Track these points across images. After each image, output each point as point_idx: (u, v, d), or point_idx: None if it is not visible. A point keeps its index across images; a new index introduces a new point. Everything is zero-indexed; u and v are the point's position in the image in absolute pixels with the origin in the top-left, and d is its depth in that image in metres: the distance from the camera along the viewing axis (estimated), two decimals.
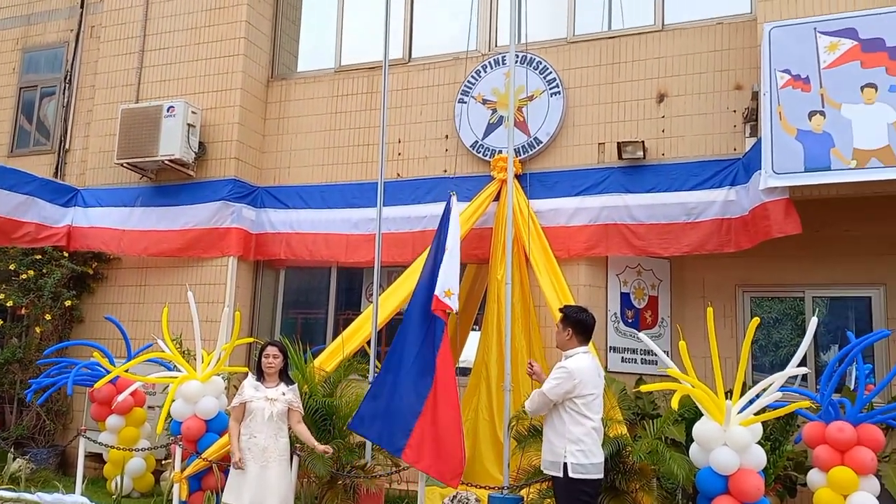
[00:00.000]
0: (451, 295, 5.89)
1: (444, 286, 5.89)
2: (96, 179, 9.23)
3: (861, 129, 5.77)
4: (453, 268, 6.00)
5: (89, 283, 8.99)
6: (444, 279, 5.91)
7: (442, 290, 5.86)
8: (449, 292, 5.89)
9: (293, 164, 8.84)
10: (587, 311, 4.88)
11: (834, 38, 6.01)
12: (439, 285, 5.89)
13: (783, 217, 6.03)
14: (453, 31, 8.54)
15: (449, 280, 5.91)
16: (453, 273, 5.99)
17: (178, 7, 9.15)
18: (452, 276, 5.97)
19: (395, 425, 5.69)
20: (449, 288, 5.90)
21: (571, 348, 4.72)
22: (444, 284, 5.89)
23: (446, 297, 5.85)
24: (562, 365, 4.62)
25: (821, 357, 7.23)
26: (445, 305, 5.84)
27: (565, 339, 4.75)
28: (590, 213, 7.32)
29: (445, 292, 5.87)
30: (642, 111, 7.40)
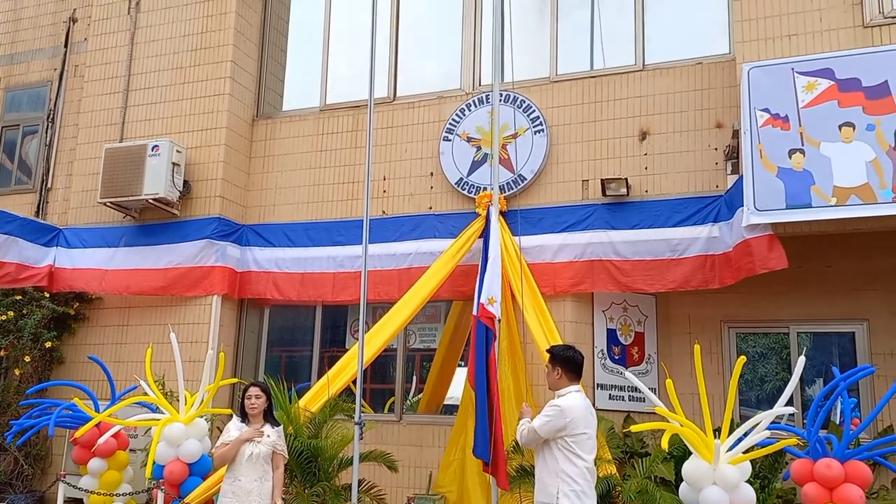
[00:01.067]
0: (493, 302, 6.15)
1: (488, 294, 6.15)
2: (79, 219, 9.16)
3: (840, 166, 5.87)
4: (496, 276, 6.30)
5: (70, 324, 8.87)
6: (487, 287, 6.19)
7: (486, 298, 6.13)
8: (492, 300, 6.16)
9: (278, 201, 8.84)
10: (574, 349, 4.89)
11: (811, 78, 6.14)
12: (484, 293, 6.17)
13: (767, 252, 6.09)
14: (437, 71, 8.66)
15: (492, 288, 6.19)
16: (496, 281, 6.28)
17: (164, 47, 9.18)
18: (495, 283, 6.26)
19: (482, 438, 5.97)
20: (492, 296, 6.17)
21: (563, 387, 4.71)
22: (488, 292, 6.16)
23: (490, 305, 6.11)
24: (554, 402, 4.62)
25: (806, 391, 7.25)
26: (490, 313, 6.07)
27: (556, 378, 4.75)
28: (575, 249, 7.36)
29: (489, 300, 6.13)
30: (625, 149, 7.49)
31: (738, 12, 6.72)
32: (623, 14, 7.89)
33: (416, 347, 8.88)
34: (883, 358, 6.67)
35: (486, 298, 6.08)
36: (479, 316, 6.07)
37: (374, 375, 8.93)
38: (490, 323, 6.04)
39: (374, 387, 8.91)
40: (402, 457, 7.20)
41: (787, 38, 6.48)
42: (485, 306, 6.04)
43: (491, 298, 6.10)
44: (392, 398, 8.35)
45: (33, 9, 10.73)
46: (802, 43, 6.43)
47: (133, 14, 9.42)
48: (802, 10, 6.47)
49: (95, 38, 9.63)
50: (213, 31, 8.97)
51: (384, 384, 8.92)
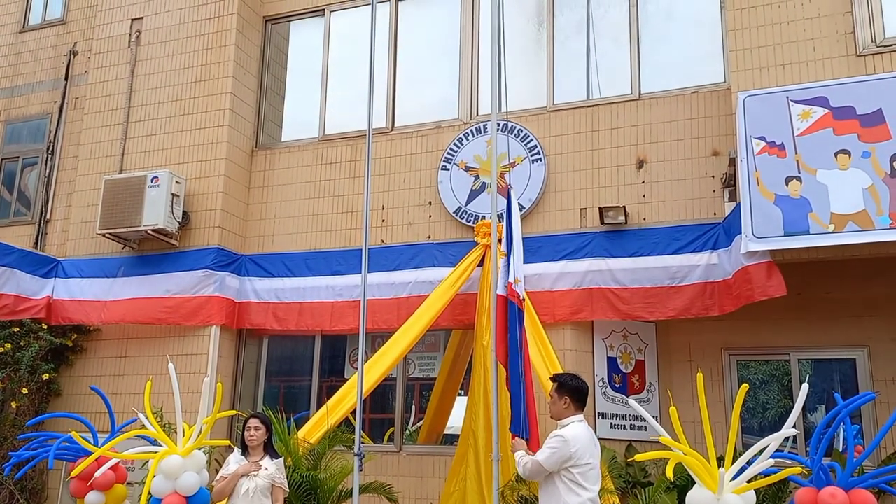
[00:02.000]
0: (519, 282, 6.28)
1: (514, 275, 6.28)
2: (77, 250, 9.16)
3: (837, 193, 5.90)
4: (520, 257, 6.43)
5: (68, 356, 8.82)
6: (513, 268, 6.30)
7: (513, 279, 6.26)
8: (518, 280, 6.29)
9: (277, 231, 8.85)
10: (580, 378, 4.87)
11: (806, 107, 6.20)
12: (511, 274, 6.29)
13: (766, 280, 6.10)
14: (435, 101, 8.72)
15: (518, 269, 6.33)
16: (520, 262, 6.42)
17: (164, 80, 9.26)
18: (520, 264, 6.40)
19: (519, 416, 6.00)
20: (518, 276, 6.30)
21: (567, 417, 4.68)
22: (514, 273, 6.29)
23: (516, 285, 6.23)
24: (558, 433, 4.58)
25: (808, 418, 7.22)
26: (517, 292, 6.20)
27: (562, 408, 4.72)
28: (574, 277, 7.36)
29: (515, 280, 6.26)
30: (623, 177, 7.53)
31: (733, 42, 6.80)
32: (618, 44, 7.98)
33: (415, 376, 8.84)
34: (885, 384, 6.65)
35: (512, 279, 6.27)
36: (509, 295, 6.27)
37: (374, 405, 8.88)
38: (518, 301, 6.23)
39: (373, 416, 8.86)
40: (402, 488, 7.14)
41: (782, 67, 6.55)
42: (512, 286, 6.23)
43: (517, 279, 6.29)
44: (391, 428, 8.29)
45: (34, 42, 10.83)
46: (797, 72, 6.50)
47: (133, 47, 9.51)
48: (796, 40, 6.55)
49: (96, 71, 9.71)
50: (212, 64, 9.05)
51: (383, 414, 8.87)
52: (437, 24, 8.90)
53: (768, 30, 6.66)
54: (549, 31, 8.30)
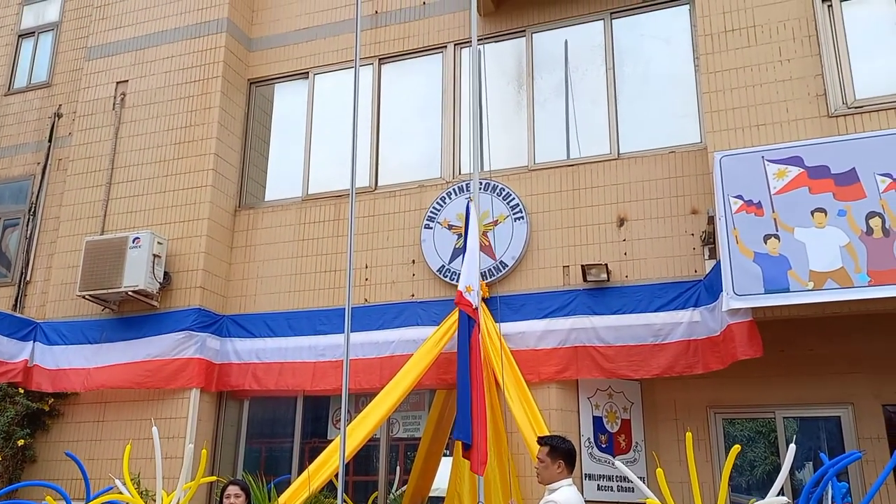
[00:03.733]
0: (471, 291, 6.48)
1: (465, 283, 6.50)
2: (57, 312, 9.05)
3: (815, 251, 5.98)
4: (473, 266, 6.68)
5: (44, 421, 8.63)
6: (465, 277, 6.55)
7: (463, 286, 6.48)
8: (469, 288, 6.49)
9: (259, 291, 8.81)
10: (568, 440, 4.85)
11: (781, 166, 6.32)
12: (461, 282, 6.55)
13: (747, 340, 6.13)
14: (418, 160, 8.82)
15: (469, 277, 6.56)
16: (473, 271, 6.66)
17: (147, 141, 9.31)
18: (473, 273, 6.63)
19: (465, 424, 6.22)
20: (469, 284, 6.50)
21: (556, 481, 4.63)
22: (465, 281, 6.52)
23: (468, 293, 6.44)
24: (550, 498, 4.52)
25: (795, 476, 7.15)
26: (468, 301, 6.40)
27: (555, 472, 4.67)
28: (558, 335, 7.35)
29: (466, 288, 6.46)
30: (604, 235, 7.60)
31: (707, 104, 6.96)
32: (597, 105, 8.15)
33: (399, 436, 8.72)
34: (870, 442, 6.62)
35: (463, 287, 6.42)
36: (457, 303, 6.47)
37: (357, 467, 8.72)
38: (468, 310, 6.33)
39: (356, 479, 8.69)
40: None
41: (756, 127, 6.70)
42: (462, 294, 6.36)
43: (468, 287, 6.42)
44: (375, 493, 8.13)
45: (19, 105, 10.90)
46: (771, 132, 6.64)
47: (118, 109, 9.58)
48: (769, 102, 6.71)
49: (80, 133, 9.75)
50: (196, 125, 9.12)
51: (367, 476, 8.71)
52: (419, 86, 9.06)
53: (742, 92, 6.83)
54: (529, 92, 8.47)
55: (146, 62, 9.68)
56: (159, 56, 9.63)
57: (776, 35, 6.86)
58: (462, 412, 6.20)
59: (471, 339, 6.29)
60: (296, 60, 9.58)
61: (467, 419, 6.14)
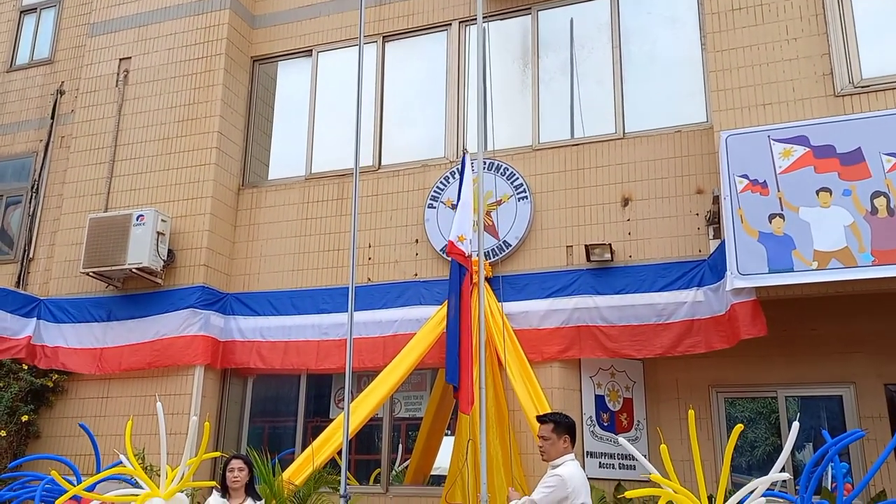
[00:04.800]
0: (463, 240, 6.65)
1: (458, 232, 6.65)
2: (60, 289, 9.06)
3: (819, 231, 5.97)
4: (466, 216, 6.79)
5: (48, 397, 8.67)
6: (457, 226, 6.70)
7: (455, 236, 6.62)
8: (462, 237, 6.65)
9: (263, 270, 8.81)
10: (568, 415, 4.90)
11: (787, 145, 6.30)
12: (453, 232, 6.69)
13: (751, 319, 6.15)
14: (422, 139, 8.79)
15: (462, 227, 6.70)
16: (466, 221, 6.78)
17: (151, 118, 9.28)
18: (465, 223, 6.76)
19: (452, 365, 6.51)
20: (462, 234, 6.66)
21: (559, 456, 4.66)
22: (458, 231, 6.67)
23: (459, 242, 6.62)
24: (554, 472, 4.56)
25: (796, 456, 7.19)
26: (459, 250, 6.59)
27: (562, 447, 4.71)
28: (561, 315, 7.36)
29: (459, 237, 6.62)
30: (608, 215, 7.58)
31: (714, 83, 6.93)
32: (602, 84, 8.11)
33: (401, 416, 8.75)
34: (872, 421, 6.65)
35: (455, 236, 6.61)
36: (449, 252, 6.69)
37: (359, 445, 8.76)
38: (460, 258, 6.60)
39: (359, 457, 8.73)
40: None
41: (762, 106, 6.67)
42: (454, 243, 6.59)
43: (461, 237, 6.61)
44: (378, 469, 8.17)
45: (21, 81, 10.85)
46: (777, 111, 6.62)
47: (121, 86, 9.55)
48: (776, 81, 6.68)
49: (83, 110, 9.72)
50: (200, 103, 9.09)
51: (369, 454, 8.75)
52: (423, 65, 9.01)
53: (748, 71, 6.79)
54: (534, 71, 8.42)
55: (149, 39, 9.62)
56: (162, 33, 9.58)
57: (783, 14, 6.81)
58: (451, 356, 6.46)
59: (461, 286, 6.52)
60: (299, 38, 9.53)
61: (455, 363, 6.41)
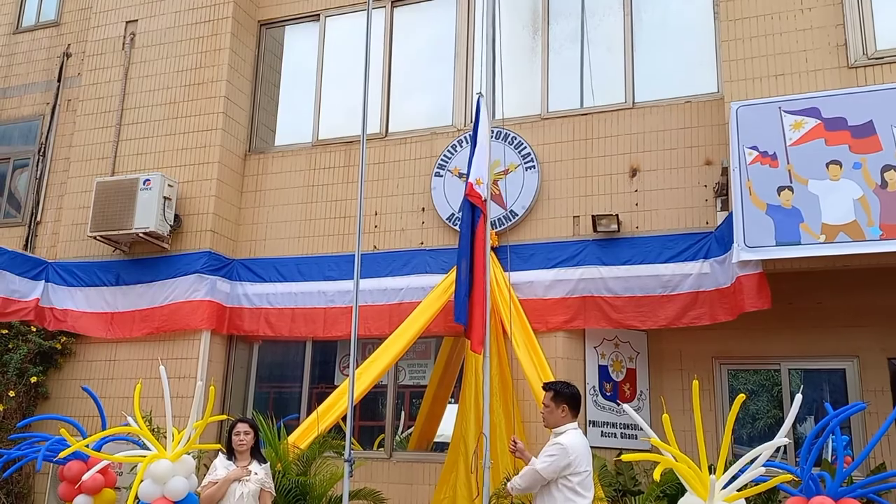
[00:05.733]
0: (481, 183, 6.64)
1: (476, 175, 6.63)
2: (67, 252, 9.10)
3: (828, 204, 5.94)
4: (483, 159, 6.73)
5: (56, 359, 8.76)
6: (475, 169, 6.65)
7: (474, 179, 6.62)
8: (479, 181, 6.64)
9: (269, 236, 8.82)
10: (574, 386, 4.91)
11: (798, 117, 6.23)
12: (472, 174, 6.65)
13: (756, 292, 6.14)
14: (429, 107, 8.74)
15: (479, 170, 6.67)
16: (483, 164, 6.72)
17: (157, 82, 9.24)
18: (483, 166, 6.71)
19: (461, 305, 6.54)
20: (479, 177, 6.65)
21: (563, 425, 4.69)
22: (476, 174, 6.63)
23: (478, 186, 6.61)
24: (556, 441, 4.59)
25: (797, 428, 7.23)
26: (477, 192, 6.59)
27: (560, 416, 4.73)
28: (567, 285, 7.36)
29: (477, 181, 6.62)
30: (616, 185, 7.55)
31: (726, 53, 6.85)
32: (612, 52, 8.02)
33: (406, 384, 8.83)
34: (874, 395, 6.67)
35: (473, 179, 6.61)
36: (467, 194, 6.63)
37: (364, 412, 8.85)
38: (477, 200, 6.60)
39: (363, 424, 8.83)
40: (391, 495, 7.11)
41: (774, 77, 6.59)
42: (473, 186, 6.59)
43: (479, 179, 6.62)
44: (382, 435, 8.26)
45: (27, 44, 10.79)
46: (789, 82, 6.54)
47: (128, 50, 9.49)
48: (788, 51, 6.59)
49: (89, 73, 9.67)
50: (206, 67, 9.03)
51: (373, 421, 8.84)
52: (431, 31, 8.92)
53: (761, 41, 6.70)
54: (544, 39, 8.33)
55: (155, 1, 9.53)
56: None
57: None
58: (460, 295, 6.55)
59: (476, 227, 6.63)
60: (307, 1, 9.42)
61: (465, 302, 6.50)
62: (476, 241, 6.59)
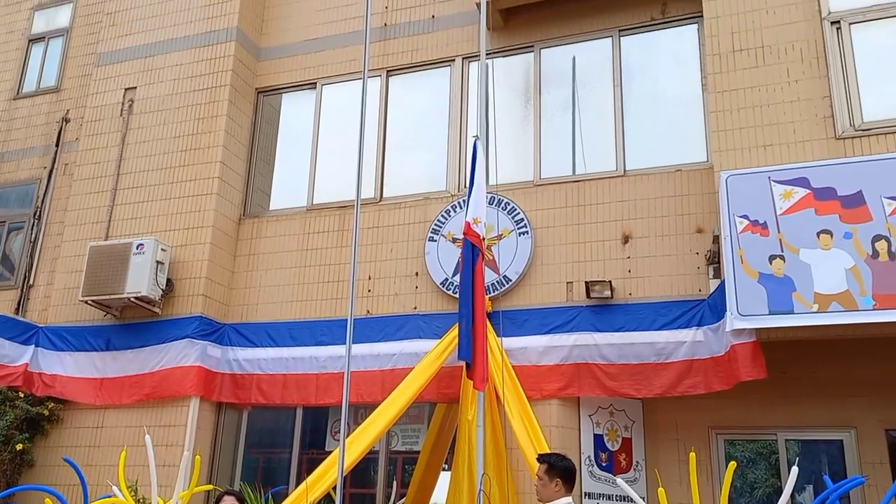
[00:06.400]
0: (478, 223, 6.77)
1: (473, 215, 6.77)
2: (59, 317, 9.05)
3: (820, 273, 5.95)
4: (480, 199, 6.89)
5: (44, 425, 8.61)
6: (473, 208, 6.79)
7: (472, 218, 6.75)
8: (477, 220, 6.77)
9: (262, 300, 8.79)
10: (568, 458, 4.83)
11: (787, 187, 6.30)
12: (469, 213, 6.78)
13: (751, 361, 6.11)
14: (424, 172, 8.82)
15: (477, 209, 6.81)
16: (480, 203, 6.88)
17: (154, 148, 9.33)
18: (480, 206, 6.87)
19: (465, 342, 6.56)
20: (477, 216, 6.78)
21: (554, 499, 4.60)
22: (473, 214, 6.78)
23: (475, 225, 6.73)
24: None
25: (795, 499, 7.10)
26: (475, 231, 6.71)
27: (553, 490, 4.65)
28: (561, 351, 7.32)
29: (474, 220, 6.74)
30: (608, 251, 7.57)
31: (714, 123, 6.96)
32: (604, 121, 8.15)
33: (398, 450, 8.67)
34: (872, 467, 6.57)
35: (471, 218, 6.74)
36: (465, 234, 6.75)
37: (355, 479, 8.66)
38: (475, 239, 6.70)
39: (354, 491, 8.64)
40: None
41: (763, 148, 6.69)
42: (470, 225, 6.71)
43: (476, 219, 6.74)
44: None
45: (27, 109, 10.95)
46: (778, 153, 6.63)
47: (126, 115, 9.61)
48: (777, 123, 6.71)
49: (87, 138, 9.78)
50: (203, 133, 9.14)
51: (365, 489, 8.66)
52: (426, 99, 9.07)
53: (749, 112, 6.82)
54: (536, 107, 8.47)
55: (155, 69, 9.72)
56: (168, 63, 9.67)
57: (784, 56, 6.86)
58: (464, 334, 6.57)
59: (475, 266, 6.69)
60: (304, 70, 9.61)
61: (469, 340, 6.51)
62: (476, 280, 6.66)
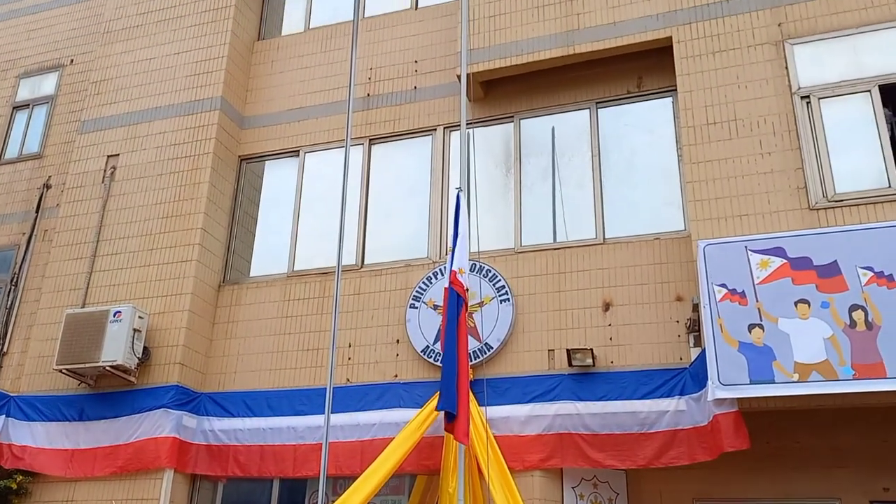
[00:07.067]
0: (462, 273, 6.89)
1: (458, 265, 6.91)
2: (31, 385, 8.84)
3: (799, 343, 5.98)
4: (464, 250, 7.05)
5: (11, 500, 8.31)
6: (458, 259, 6.94)
7: (457, 268, 6.88)
8: (461, 270, 6.89)
9: (239, 369, 8.66)
10: None
11: (764, 256, 6.38)
12: (455, 263, 6.92)
13: (734, 431, 6.07)
14: (405, 239, 8.85)
15: (461, 261, 6.96)
16: (464, 254, 7.04)
17: (135, 214, 9.31)
18: (464, 256, 7.02)
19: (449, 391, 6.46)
20: (462, 267, 6.91)
21: None
22: (458, 264, 6.92)
23: (460, 275, 6.85)
24: None
25: None
26: (460, 282, 6.82)
27: None
28: (543, 421, 7.23)
29: (459, 270, 6.87)
30: (589, 319, 7.57)
31: (691, 193, 7.07)
32: (583, 189, 8.25)
33: None
34: None
35: (456, 268, 6.86)
36: (451, 282, 6.84)
37: None
38: (459, 289, 6.81)
39: None
40: None
41: (739, 217, 6.79)
42: (456, 274, 6.83)
43: (461, 269, 6.87)
44: None
45: (9, 175, 10.92)
46: (753, 222, 6.73)
47: (107, 182, 9.62)
48: (752, 193, 6.83)
49: (68, 205, 9.74)
50: (185, 200, 9.15)
51: None
52: (408, 167, 9.17)
53: (724, 182, 6.95)
54: (517, 176, 8.58)
55: (138, 137, 9.77)
56: (152, 131, 9.73)
57: (757, 129, 7.04)
58: (447, 384, 6.49)
59: (459, 315, 6.73)
60: (287, 139, 9.70)
61: (452, 391, 6.43)
62: (459, 332, 6.70)
